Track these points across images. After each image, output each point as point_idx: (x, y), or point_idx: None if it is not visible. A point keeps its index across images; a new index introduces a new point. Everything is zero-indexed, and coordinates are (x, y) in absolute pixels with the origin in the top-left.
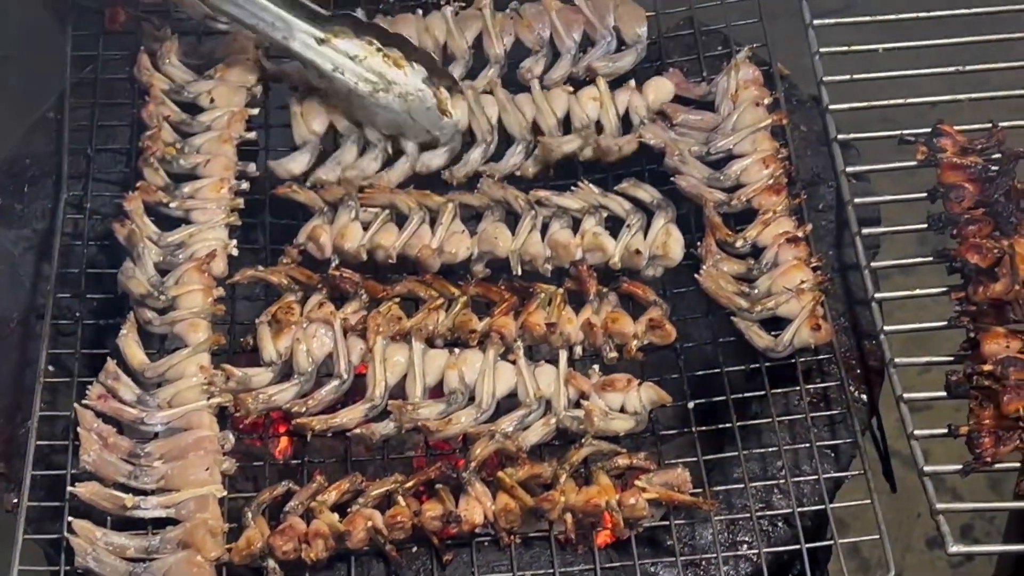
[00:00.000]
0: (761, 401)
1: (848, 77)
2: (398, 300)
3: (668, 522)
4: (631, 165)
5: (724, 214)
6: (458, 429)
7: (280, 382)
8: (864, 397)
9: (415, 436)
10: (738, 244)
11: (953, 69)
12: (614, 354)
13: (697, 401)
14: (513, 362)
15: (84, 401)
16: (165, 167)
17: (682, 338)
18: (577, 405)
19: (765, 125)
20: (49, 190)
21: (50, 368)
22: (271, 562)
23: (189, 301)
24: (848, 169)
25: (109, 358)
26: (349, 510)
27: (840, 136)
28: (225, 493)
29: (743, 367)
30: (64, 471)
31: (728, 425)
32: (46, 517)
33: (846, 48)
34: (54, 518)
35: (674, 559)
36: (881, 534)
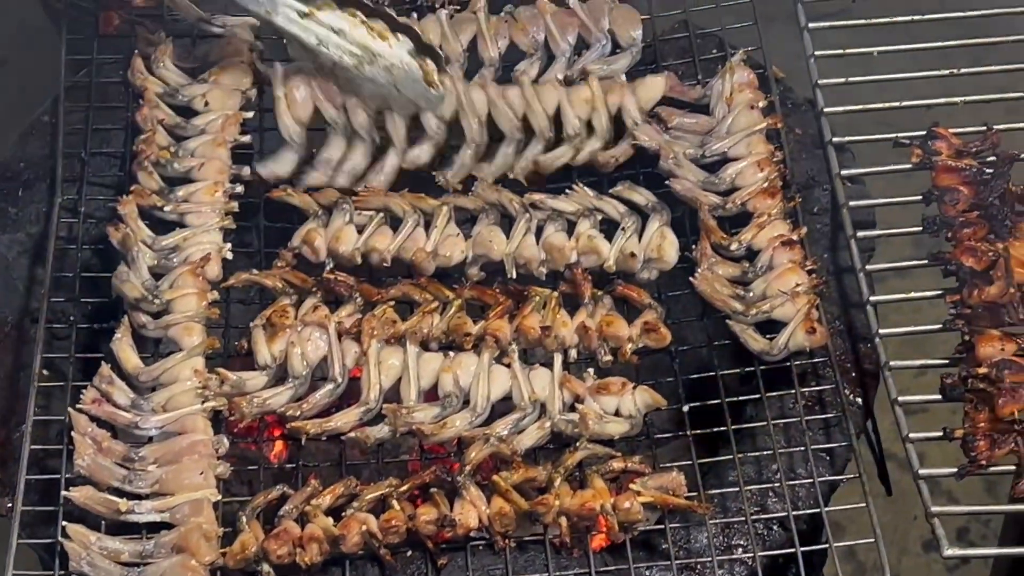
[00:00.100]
0: (756, 404)
1: (843, 80)
2: (393, 303)
3: (663, 526)
4: (626, 168)
5: (719, 217)
6: (453, 433)
7: (275, 386)
8: (859, 400)
9: (410, 440)
10: (733, 247)
11: (948, 72)
12: (609, 357)
13: (692, 404)
14: (508, 365)
15: (78, 405)
16: (159, 171)
17: (677, 341)
18: (572, 409)
19: (760, 128)
20: (43, 194)
21: (44, 372)
22: (266, 566)
23: (183, 305)
24: (843, 172)
25: (103, 362)
26: (344, 514)
27: (835, 139)
28: (220, 497)
29: (738, 370)
30: (58, 475)
31: (723, 428)
32: (40, 521)
33: (841, 51)
34: (48, 522)
35: (669, 563)
36: (876, 537)
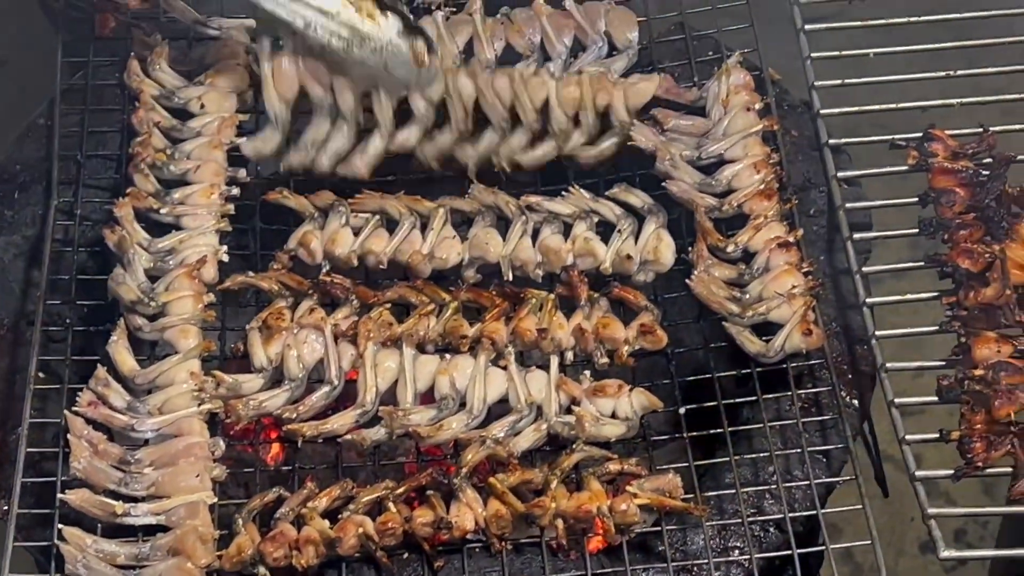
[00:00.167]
0: (752, 406)
1: (839, 82)
2: (389, 306)
3: (660, 528)
4: (622, 170)
5: (715, 219)
6: (449, 435)
7: (271, 388)
8: (856, 402)
9: (406, 442)
10: (729, 249)
11: (944, 73)
12: (605, 359)
13: (688, 406)
14: (504, 368)
15: (74, 408)
16: (155, 173)
17: (673, 343)
18: (568, 411)
19: (756, 130)
20: (39, 196)
21: (40, 375)
22: (262, 569)
23: (179, 307)
24: (839, 174)
25: (99, 365)
26: (340, 516)
27: (831, 141)
28: (216, 500)
29: (734, 372)
30: (54, 478)
31: (719, 430)
32: (36, 524)
33: (837, 53)
34: (44, 525)
35: (666, 565)
36: (873, 539)
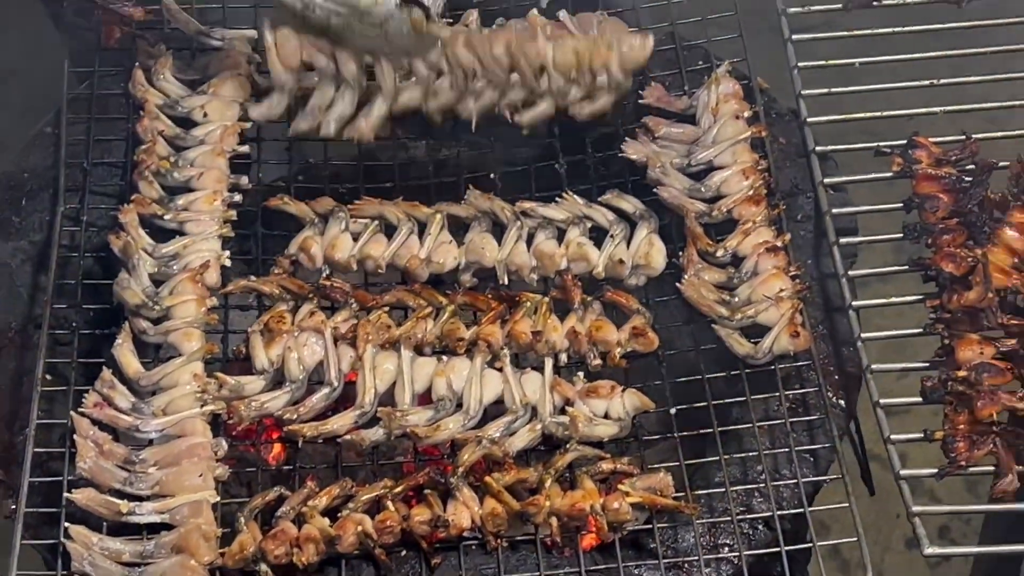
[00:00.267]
0: (742, 407)
1: (826, 91)
2: (387, 309)
3: (651, 525)
4: (615, 177)
5: (705, 224)
6: (446, 435)
7: (272, 390)
8: (842, 402)
9: (404, 442)
10: (719, 254)
11: (928, 82)
12: (598, 361)
13: (679, 407)
14: (500, 369)
15: (80, 409)
16: (159, 180)
17: (664, 345)
18: (562, 411)
19: (745, 137)
20: (46, 203)
21: (47, 377)
22: (263, 566)
23: (183, 311)
24: (826, 180)
25: (105, 367)
26: (340, 515)
27: (818, 148)
28: (218, 498)
29: (724, 373)
30: (61, 477)
31: (710, 430)
32: (43, 523)
33: (824, 62)
34: (51, 524)
35: (657, 562)
36: (859, 536)
